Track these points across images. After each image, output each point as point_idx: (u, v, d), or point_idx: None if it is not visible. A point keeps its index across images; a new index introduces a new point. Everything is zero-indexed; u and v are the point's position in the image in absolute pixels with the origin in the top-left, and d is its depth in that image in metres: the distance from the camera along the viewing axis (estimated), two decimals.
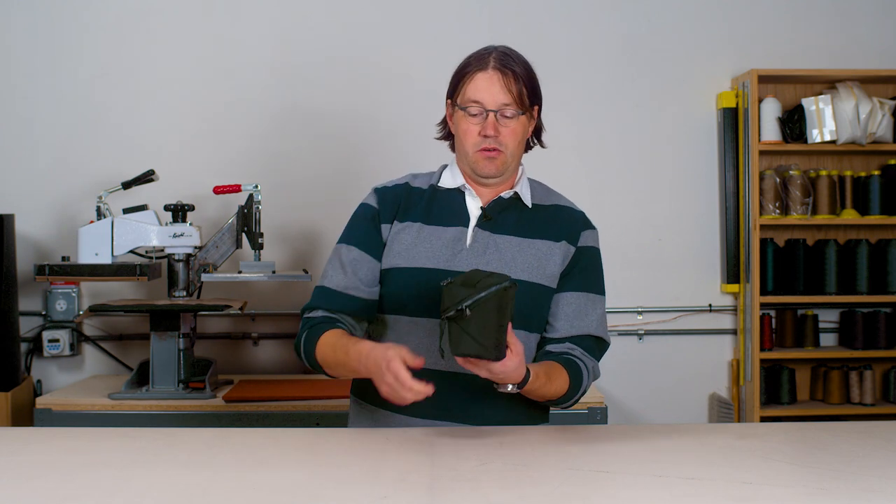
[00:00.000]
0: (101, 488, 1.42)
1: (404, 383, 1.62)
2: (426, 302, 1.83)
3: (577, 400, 1.87)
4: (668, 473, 1.48)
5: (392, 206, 1.93)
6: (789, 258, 3.69)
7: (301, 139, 3.66)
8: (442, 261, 1.86)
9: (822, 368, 3.72)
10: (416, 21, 3.68)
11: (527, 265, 1.86)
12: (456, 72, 1.90)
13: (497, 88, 1.84)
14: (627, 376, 3.73)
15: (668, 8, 3.76)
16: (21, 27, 3.62)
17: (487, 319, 1.54)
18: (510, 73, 1.85)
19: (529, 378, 1.68)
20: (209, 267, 3.23)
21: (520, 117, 1.86)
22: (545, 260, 1.88)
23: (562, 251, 1.90)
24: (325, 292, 1.91)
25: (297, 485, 1.44)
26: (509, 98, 1.84)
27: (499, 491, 1.38)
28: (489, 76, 1.84)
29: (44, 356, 3.56)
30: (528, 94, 1.87)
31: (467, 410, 1.84)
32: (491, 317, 1.54)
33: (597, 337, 1.91)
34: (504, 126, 1.85)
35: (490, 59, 1.86)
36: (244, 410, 2.96)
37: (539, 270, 1.87)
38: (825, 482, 1.44)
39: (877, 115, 3.57)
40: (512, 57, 1.88)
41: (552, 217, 1.93)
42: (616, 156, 3.73)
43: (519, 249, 1.87)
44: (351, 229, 1.95)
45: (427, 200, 1.93)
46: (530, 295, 1.84)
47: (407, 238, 1.89)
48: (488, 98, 1.84)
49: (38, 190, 3.60)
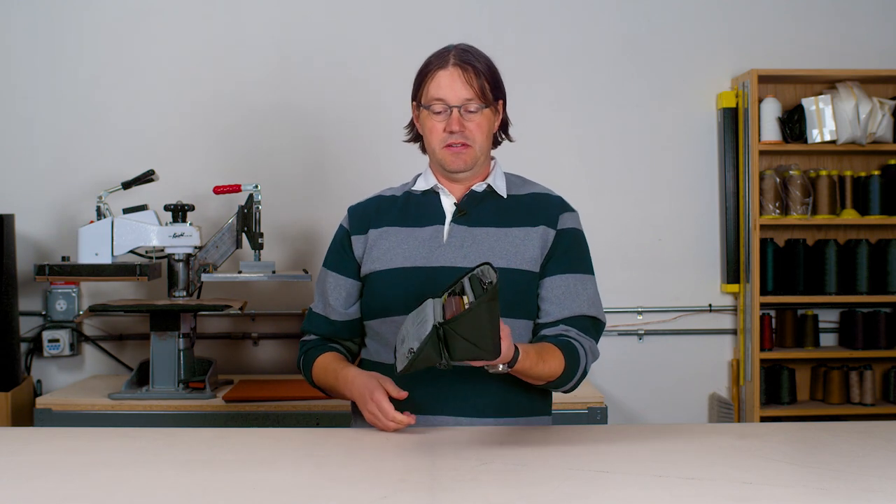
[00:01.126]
0: (101, 488, 1.42)
1: (386, 415, 1.75)
2: (408, 301, 1.84)
3: (579, 381, 1.86)
4: (668, 473, 1.48)
5: (362, 218, 1.99)
6: (789, 258, 3.69)
7: (302, 139, 3.66)
8: (420, 259, 1.89)
9: (822, 368, 3.72)
10: (417, 21, 3.68)
11: (505, 252, 1.88)
12: (418, 73, 1.94)
13: (459, 84, 1.86)
14: (627, 376, 3.73)
15: (668, 8, 3.76)
16: (21, 27, 3.62)
17: (480, 321, 1.54)
18: (471, 68, 1.87)
19: (519, 356, 1.67)
20: (209, 267, 3.23)
21: (484, 111, 1.89)
22: (522, 246, 1.89)
23: (540, 235, 1.91)
24: (312, 317, 2.06)
25: (296, 485, 1.44)
26: (471, 93, 1.87)
27: (499, 491, 1.38)
28: (450, 73, 1.87)
29: (44, 356, 3.56)
30: (491, 88, 1.90)
31: (465, 401, 1.85)
32: (483, 317, 1.54)
33: (591, 317, 1.90)
34: (469, 121, 1.88)
35: (450, 57, 1.89)
36: (244, 410, 2.96)
37: (517, 256, 1.89)
38: (825, 482, 1.44)
39: (877, 115, 3.57)
40: (472, 53, 1.90)
41: (529, 204, 1.95)
42: (616, 156, 3.73)
43: (496, 239, 1.89)
44: (328, 253, 2.05)
45: (401, 205, 1.97)
46: (511, 280, 1.85)
47: (384, 243, 1.93)
48: (450, 94, 1.87)
49: (38, 190, 3.60)
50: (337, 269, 2.00)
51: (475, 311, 1.53)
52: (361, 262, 1.96)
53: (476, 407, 1.85)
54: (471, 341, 1.54)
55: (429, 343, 1.54)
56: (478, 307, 1.53)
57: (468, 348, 1.54)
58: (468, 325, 1.53)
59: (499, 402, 1.86)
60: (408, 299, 1.84)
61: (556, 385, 1.84)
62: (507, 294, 1.83)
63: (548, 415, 1.98)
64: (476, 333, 1.54)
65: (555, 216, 1.94)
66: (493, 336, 1.55)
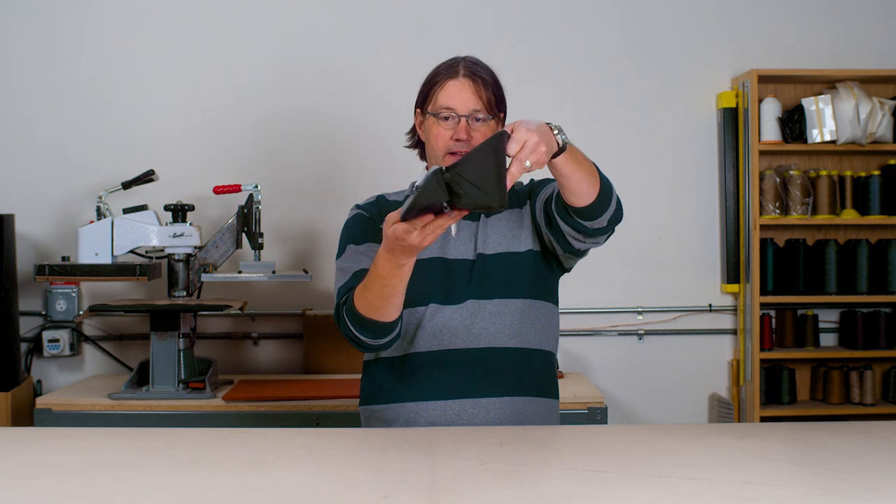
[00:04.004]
0: (101, 488, 1.42)
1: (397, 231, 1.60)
2: (423, 293, 1.90)
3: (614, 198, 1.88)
4: (668, 473, 1.48)
5: (378, 214, 2.00)
6: (789, 258, 3.69)
7: (301, 139, 3.66)
8: (434, 251, 1.94)
9: (823, 368, 3.72)
10: (417, 23, 3.68)
11: (514, 238, 1.96)
12: (426, 81, 1.98)
13: (468, 94, 1.91)
14: (627, 376, 3.73)
15: (668, 8, 3.76)
16: (21, 27, 3.62)
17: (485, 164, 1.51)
18: (480, 80, 1.93)
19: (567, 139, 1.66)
20: (209, 267, 3.23)
21: (489, 122, 1.94)
22: (518, 229, 1.97)
23: (526, 211, 1.99)
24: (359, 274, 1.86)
25: (296, 485, 1.44)
26: (480, 104, 1.92)
27: (499, 491, 1.38)
28: (460, 83, 1.92)
29: (44, 356, 3.56)
30: (496, 101, 1.95)
31: (475, 387, 1.88)
32: (489, 163, 1.51)
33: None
34: (475, 130, 1.92)
35: (460, 68, 1.94)
36: (244, 410, 2.96)
37: (515, 241, 1.96)
38: (825, 482, 1.44)
39: (877, 115, 3.57)
40: (479, 65, 1.97)
41: (518, 193, 2.03)
42: (616, 156, 3.72)
43: (504, 225, 1.97)
44: (352, 234, 1.99)
45: None
46: (510, 262, 1.93)
47: None
48: (460, 104, 1.91)
49: (38, 190, 3.60)
50: (369, 240, 1.94)
51: (479, 154, 1.51)
52: None
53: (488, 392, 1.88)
54: (475, 185, 1.50)
55: (433, 178, 1.51)
56: (482, 149, 1.52)
57: (474, 193, 1.51)
58: (472, 168, 1.51)
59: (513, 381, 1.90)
60: (422, 291, 1.89)
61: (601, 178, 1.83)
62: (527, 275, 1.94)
63: (555, 398, 2.01)
64: (481, 177, 1.51)
65: (526, 187, 2.04)
66: (498, 181, 1.52)
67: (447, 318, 1.90)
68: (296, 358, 3.65)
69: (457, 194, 1.51)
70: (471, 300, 1.91)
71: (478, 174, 1.51)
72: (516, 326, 1.92)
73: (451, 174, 1.51)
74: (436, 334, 1.90)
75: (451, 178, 1.51)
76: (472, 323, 1.90)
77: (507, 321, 1.91)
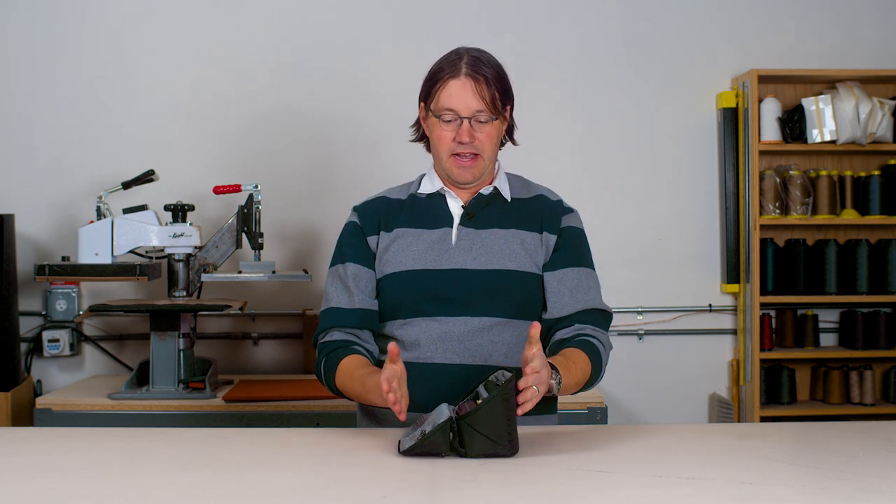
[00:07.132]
0: (101, 488, 1.42)
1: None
2: (417, 303, 1.87)
3: (602, 377, 1.89)
4: (668, 473, 1.48)
5: (373, 218, 1.97)
6: (789, 258, 3.69)
7: (301, 139, 3.66)
8: (430, 261, 1.90)
9: (822, 368, 3.72)
10: (417, 22, 3.68)
11: (514, 254, 1.91)
12: (428, 77, 1.92)
13: (470, 96, 1.86)
14: (627, 376, 3.72)
15: (668, 8, 3.76)
16: (21, 27, 3.62)
17: (496, 415, 1.55)
18: (482, 78, 1.86)
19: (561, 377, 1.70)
20: (209, 267, 3.23)
21: (494, 122, 1.89)
22: (531, 249, 1.92)
23: (543, 241, 1.94)
24: (335, 312, 1.93)
25: (297, 485, 1.44)
26: (482, 105, 1.86)
27: (499, 491, 1.38)
28: (462, 83, 1.86)
29: (44, 356, 3.56)
30: (501, 98, 1.89)
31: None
32: (498, 411, 1.55)
33: (602, 310, 1.94)
34: (479, 131, 1.88)
35: (462, 66, 1.87)
36: (244, 410, 2.96)
37: (526, 258, 1.91)
38: (825, 482, 1.44)
39: (877, 115, 3.57)
40: (482, 61, 1.89)
41: (532, 208, 1.97)
42: (616, 156, 3.73)
43: (505, 241, 1.91)
44: (342, 248, 1.98)
45: (408, 209, 1.97)
46: (521, 281, 1.89)
47: (394, 247, 1.93)
48: (462, 105, 1.86)
49: (38, 190, 3.60)
50: (357, 260, 1.94)
51: (490, 405, 1.55)
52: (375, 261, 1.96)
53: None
54: (486, 435, 1.55)
55: (440, 430, 1.55)
56: (493, 400, 1.55)
57: (484, 443, 1.55)
58: (483, 419, 1.55)
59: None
60: (418, 301, 1.87)
61: (583, 389, 1.85)
62: (517, 296, 1.88)
63: (553, 413, 1.99)
64: (491, 427, 1.55)
65: (557, 218, 1.96)
66: (508, 429, 1.56)
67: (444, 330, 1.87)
68: (296, 358, 3.65)
69: (467, 442, 1.56)
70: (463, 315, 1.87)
71: (488, 426, 1.55)
72: (513, 346, 1.88)
73: (461, 424, 1.55)
74: (431, 346, 1.86)
75: (462, 427, 1.56)
76: (468, 338, 1.86)
77: (503, 339, 1.88)
